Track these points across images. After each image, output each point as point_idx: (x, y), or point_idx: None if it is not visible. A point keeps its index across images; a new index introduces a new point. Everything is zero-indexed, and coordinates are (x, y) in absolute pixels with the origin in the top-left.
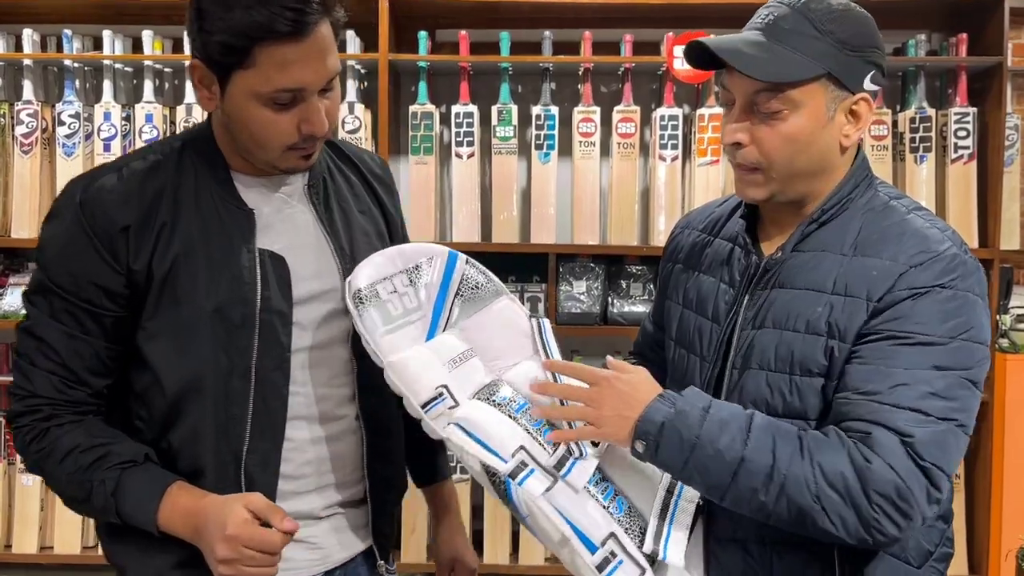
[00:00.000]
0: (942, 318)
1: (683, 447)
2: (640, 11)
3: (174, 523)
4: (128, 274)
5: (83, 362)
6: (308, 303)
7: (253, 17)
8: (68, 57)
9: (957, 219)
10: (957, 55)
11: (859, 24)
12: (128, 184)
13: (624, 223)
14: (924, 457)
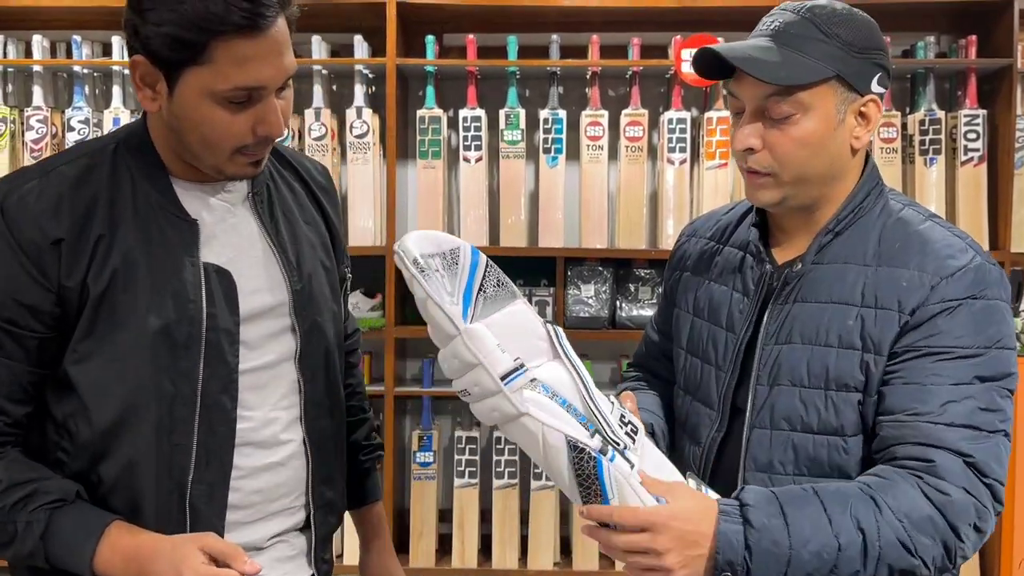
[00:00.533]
0: (977, 329)
1: (779, 563)
2: (647, 15)
3: (113, 567)
4: (59, 291)
5: (2, 389)
6: (255, 320)
7: (208, 8)
8: (78, 63)
9: (967, 222)
10: (966, 57)
11: (864, 27)
12: (58, 192)
13: (632, 227)
14: (987, 475)
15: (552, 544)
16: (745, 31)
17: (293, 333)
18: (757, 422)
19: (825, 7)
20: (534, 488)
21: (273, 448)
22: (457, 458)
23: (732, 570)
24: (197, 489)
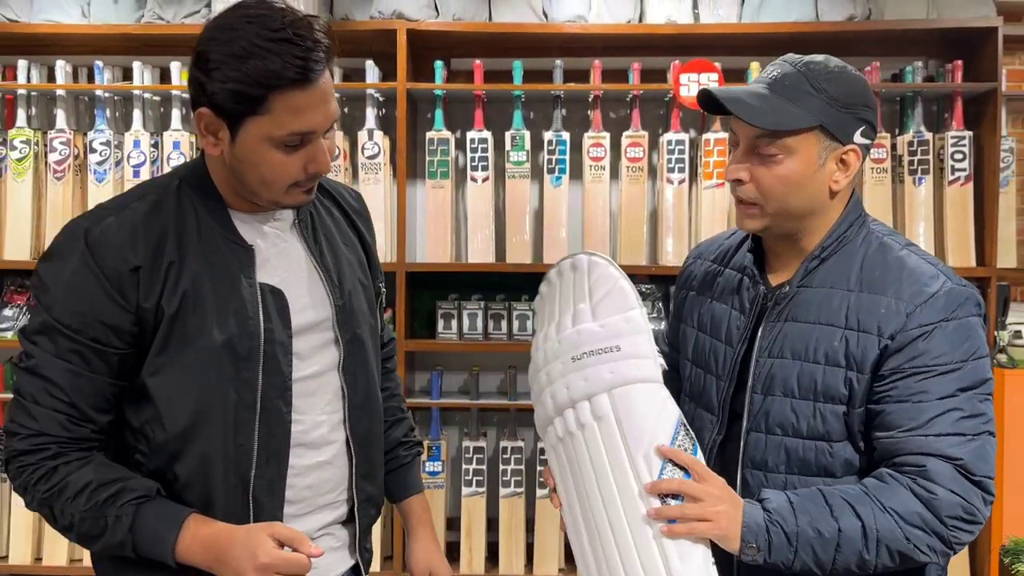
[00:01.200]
0: (953, 347)
1: (789, 541)
2: (647, 40)
3: (193, 553)
4: (137, 312)
5: (88, 400)
6: (305, 333)
7: (268, 66)
8: (99, 88)
9: (955, 239)
10: (953, 81)
11: (851, 84)
12: (133, 225)
13: (633, 244)
14: (975, 473)
15: (557, 551)
16: (739, 55)
17: (336, 345)
18: (753, 427)
19: (820, 63)
20: (539, 496)
21: (321, 448)
22: (465, 467)
23: (755, 543)
24: (259, 484)
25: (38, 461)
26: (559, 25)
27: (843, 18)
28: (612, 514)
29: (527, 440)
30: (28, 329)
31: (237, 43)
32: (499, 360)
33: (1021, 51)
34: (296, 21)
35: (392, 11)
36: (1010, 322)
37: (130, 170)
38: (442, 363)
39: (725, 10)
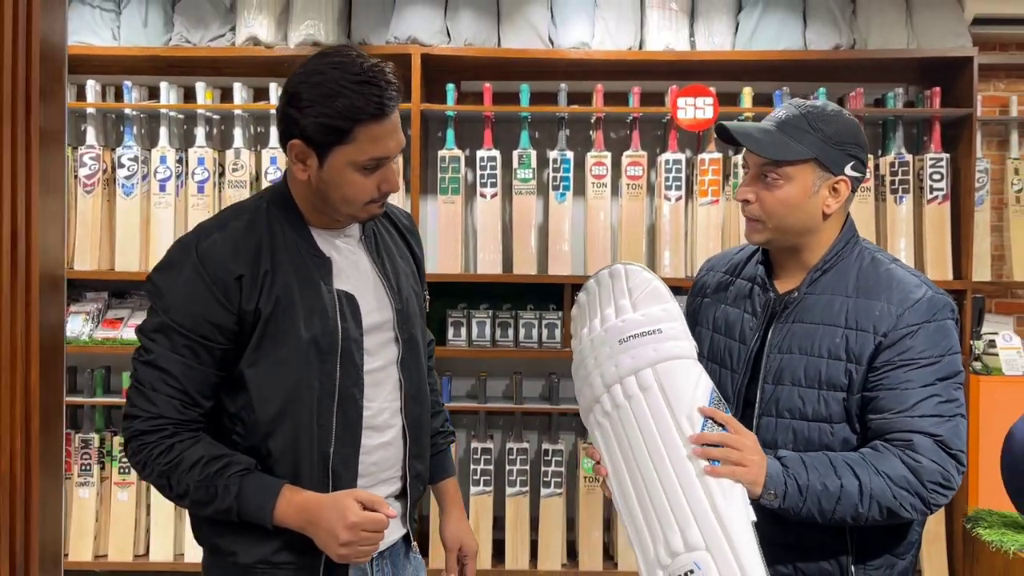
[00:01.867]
0: (934, 344)
1: (800, 491)
2: (646, 66)
3: (288, 517)
4: (239, 314)
5: (197, 387)
6: (372, 332)
7: (354, 103)
8: (127, 106)
9: (933, 254)
10: (932, 107)
11: (844, 126)
12: (235, 240)
13: (633, 256)
14: (951, 448)
15: (560, 547)
16: (732, 80)
17: (396, 343)
18: (764, 411)
19: (819, 107)
20: (544, 495)
21: (384, 430)
22: (472, 467)
23: (775, 491)
24: (337, 459)
25: (157, 440)
26: (564, 51)
27: (830, 47)
28: (660, 467)
29: (531, 442)
30: (146, 328)
31: (326, 85)
32: (505, 366)
33: (995, 79)
34: (372, 66)
35: (407, 36)
36: (985, 332)
37: (156, 184)
38: (451, 369)
39: (719, 38)
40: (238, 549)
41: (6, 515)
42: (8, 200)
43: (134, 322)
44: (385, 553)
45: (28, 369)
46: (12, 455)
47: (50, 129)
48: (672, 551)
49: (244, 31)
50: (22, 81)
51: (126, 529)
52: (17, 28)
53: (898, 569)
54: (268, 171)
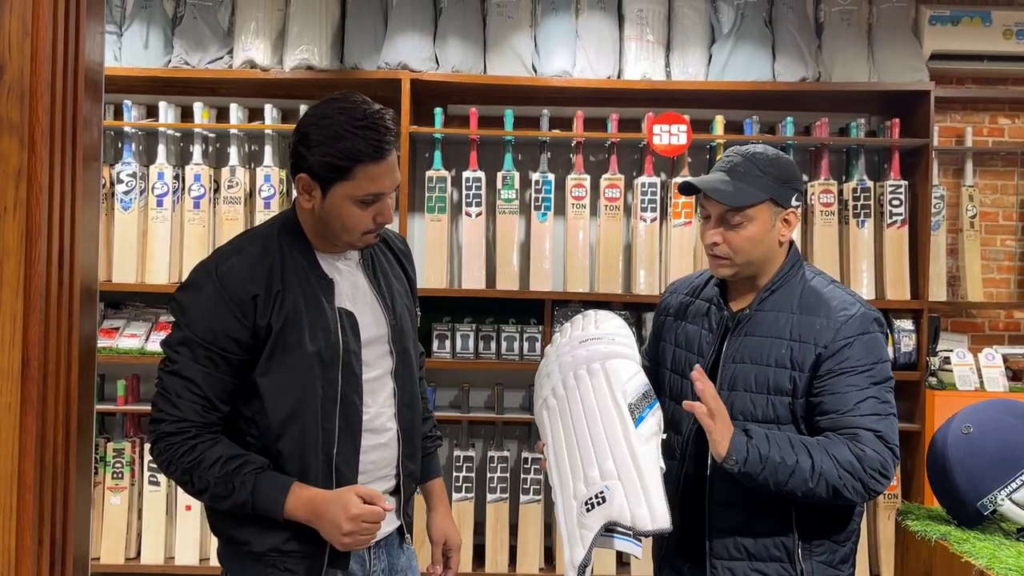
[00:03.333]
0: (867, 353)
1: (760, 460)
2: (624, 94)
3: (297, 511)
4: (254, 328)
5: (217, 393)
6: (370, 345)
7: (356, 146)
8: (127, 124)
9: (892, 275)
10: (891, 136)
11: (786, 166)
12: (250, 263)
13: (610, 274)
14: (889, 441)
15: (538, 552)
16: (705, 108)
17: (391, 355)
18: None
19: (761, 153)
20: (523, 502)
21: (381, 433)
22: (455, 475)
23: (735, 458)
24: (340, 458)
25: (182, 441)
26: (546, 79)
27: (796, 79)
28: (592, 424)
29: (511, 451)
30: (172, 341)
31: (332, 128)
32: (488, 377)
33: (952, 111)
34: (374, 112)
35: (398, 62)
36: (940, 349)
37: (154, 200)
38: (436, 380)
39: (693, 69)
40: (252, 539)
41: (48, 518)
42: (57, 218)
43: (130, 332)
44: (381, 543)
45: (69, 376)
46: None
47: (90, 150)
48: (589, 481)
49: (241, 54)
50: (70, 105)
51: (118, 532)
52: (67, 54)
53: (839, 555)
54: (262, 188)
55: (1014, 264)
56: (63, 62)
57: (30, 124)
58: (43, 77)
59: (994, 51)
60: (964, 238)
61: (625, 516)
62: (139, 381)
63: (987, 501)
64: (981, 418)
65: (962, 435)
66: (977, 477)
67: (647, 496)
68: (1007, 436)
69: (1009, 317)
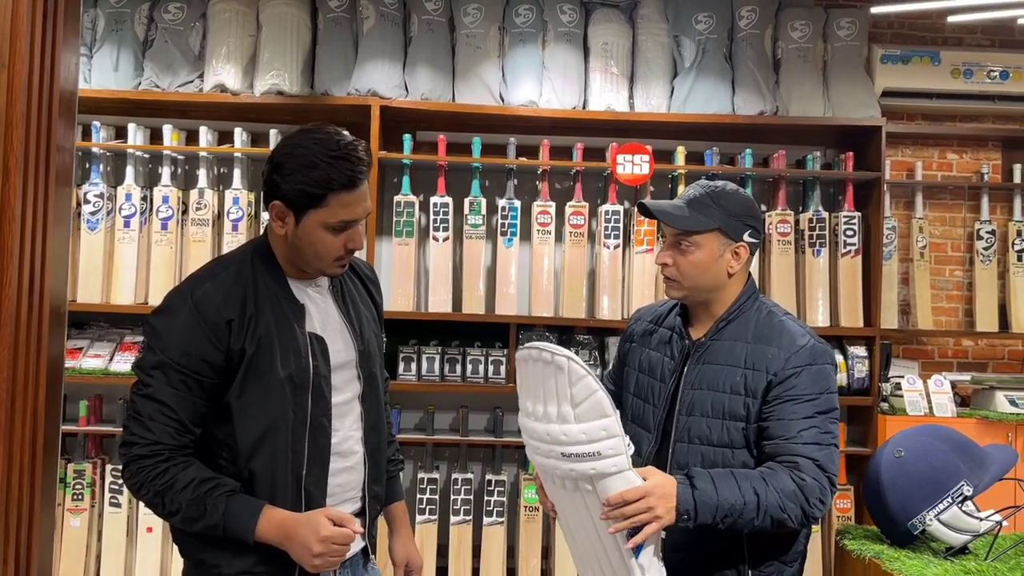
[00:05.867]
0: (814, 383)
1: (711, 509)
2: (589, 124)
3: (269, 533)
4: (227, 352)
5: (190, 416)
6: (339, 370)
7: (329, 175)
8: (95, 145)
9: (846, 302)
10: (845, 169)
11: (741, 202)
12: (225, 289)
13: (574, 299)
14: (827, 470)
15: (500, 574)
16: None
17: (359, 379)
18: (679, 439)
19: (720, 187)
20: (486, 524)
21: (348, 456)
22: (419, 496)
23: (688, 514)
24: (309, 480)
25: (154, 463)
26: (513, 108)
27: (755, 112)
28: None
29: (476, 473)
30: (145, 365)
31: (306, 157)
32: (452, 400)
33: (902, 145)
34: (347, 144)
35: (367, 89)
36: (892, 375)
37: (121, 220)
38: (401, 402)
39: (656, 101)
40: (222, 562)
41: (13, 538)
42: (29, 243)
43: (94, 352)
44: (347, 564)
45: (36, 399)
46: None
47: (62, 174)
48: None
49: (212, 78)
50: (44, 132)
51: (77, 554)
52: (43, 84)
53: (787, 575)
54: (230, 211)
55: (962, 293)
56: (38, 92)
57: (4, 153)
58: (19, 108)
59: (943, 89)
60: (915, 268)
61: None
62: (102, 402)
63: (916, 521)
64: (912, 443)
65: (894, 459)
66: (907, 498)
67: None
68: (934, 460)
69: (958, 344)
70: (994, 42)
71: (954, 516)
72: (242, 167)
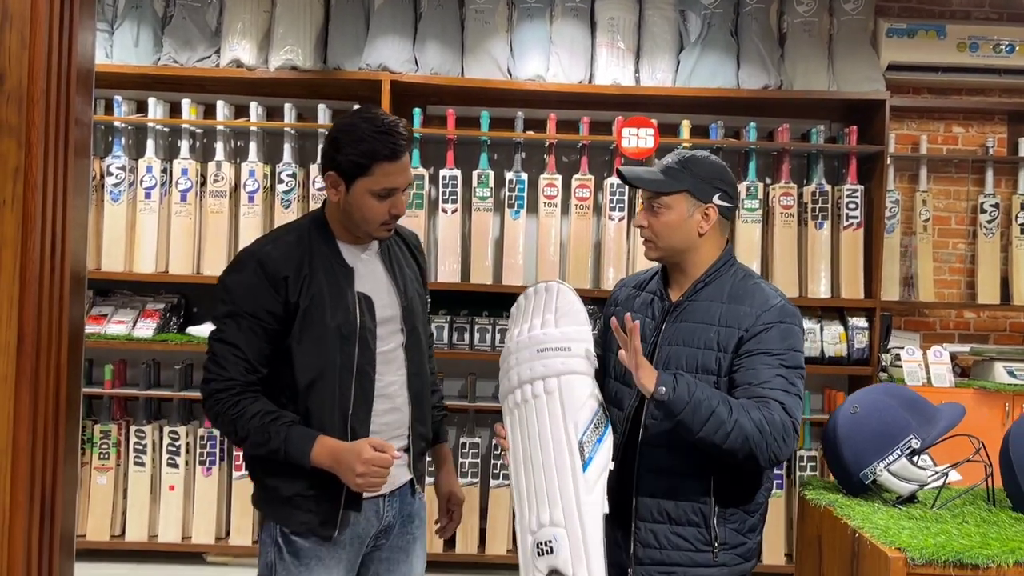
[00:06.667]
0: (781, 340)
1: (685, 396)
2: (595, 98)
3: (322, 458)
4: (285, 304)
5: (256, 357)
6: (384, 324)
7: (374, 147)
8: (117, 119)
9: (847, 274)
10: (849, 143)
11: (711, 167)
12: (285, 251)
13: (580, 270)
14: (791, 414)
15: (506, 534)
16: (672, 113)
17: (402, 332)
18: None
19: (692, 155)
20: (493, 486)
21: (393, 398)
22: (428, 460)
23: (665, 388)
24: (354, 419)
25: (228, 396)
26: (521, 82)
27: (760, 86)
28: (545, 457)
29: (483, 438)
30: (219, 314)
31: (355, 133)
32: (461, 367)
33: (908, 119)
34: (391, 122)
35: (378, 64)
36: (892, 346)
37: (142, 192)
38: None
39: (662, 75)
40: (280, 485)
41: (39, 483)
42: (50, 211)
43: (117, 319)
44: (395, 493)
45: (59, 354)
46: (45, 428)
47: (80, 146)
48: (540, 522)
49: (228, 54)
50: (63, 107)
51: (104, 511)
52: (61, 61)
53: (748, 524)
54: (246, 183)
55: (964, 266)
56: (57, 69)
57: (27, 127)
58: (39, 85)
59: (948, 63)
60: (917, 241)
61: (567, 570)
62: (126, 366)
63: (868, 472)
64: (867, 400)
65: (850, 414)
66: (860, 451)
67: (587, 557)
68: (886, 415)
69: (959, 316)
70: (1001, 15)
71: (902, 467)
72: (258, 140)
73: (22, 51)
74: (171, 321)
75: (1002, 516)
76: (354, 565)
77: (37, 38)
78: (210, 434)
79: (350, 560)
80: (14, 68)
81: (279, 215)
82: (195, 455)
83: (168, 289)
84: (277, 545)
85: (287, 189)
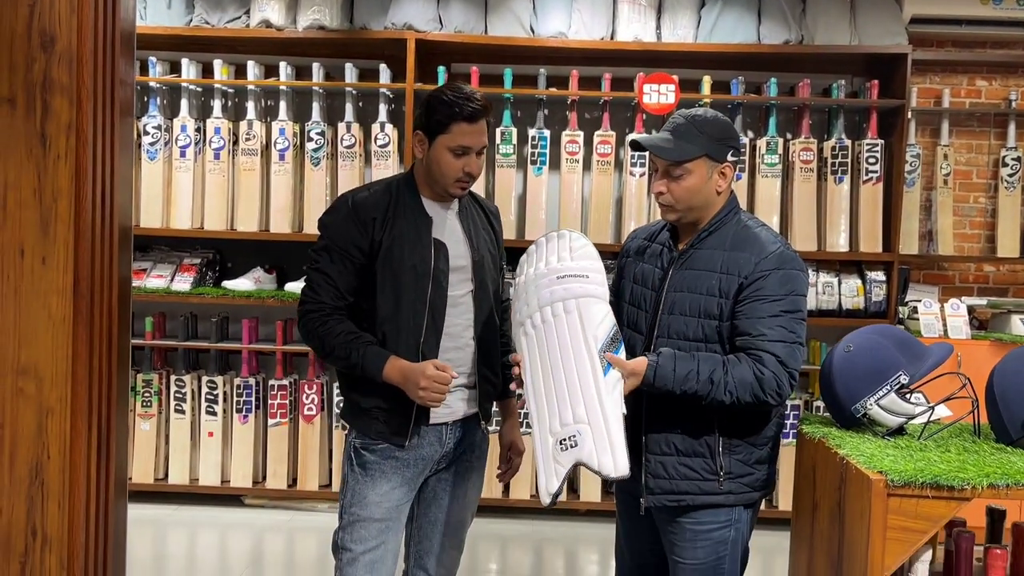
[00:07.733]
0: (781, 285)
1: (668, 376)
2: (617, 54)
3: (392, 374)
4: (371, 242)
5: (345, 285)
6: (455, 271)
7: (454, 109)
8: (152, 80)
9: (867, 228)
10: (870, 98)
11: (722, 126)
12: (374, 197)
13: (601, 225)
14: (788, 365)
15: (529, 480)
16: (694, 68)
17: (472, 281)
18: (660, 335)
19: (700, 114)
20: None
21: (458, 339)
22: None
23: (650, 378)
24: (424, 346)
25: (318, 316)
26: (543, 39)
27: (780, 41)
28: (567, 364)
29: None
30: (316, 248)
31: (441, 99)
32: None
33: (931, 72)
34: (470, 91)
35: (403, 23)
36: (910, 299)
37: (178, 150)
38: None
39: (683, 31)
40: (360, 399)
41: (94, 442)
42: (100, 164)
43: (156, 273)
44: (458, 422)
45: (111, 298)
46: (100, 364)
47: (125, 105)
48: (564, 422)
49: (258, 15)
50: (109, 67)
51: (147, 456)
52: (106, 23)
53: (755, 456)
54: (277, 141)
55: (985, 220)
56: (103, 31)
57: (77, 85)
58: (87, 46)
59: (973, 15)
60: (938, 195)
61: (593, 461)
62: (165, 319)
63: (859, 406)
64: (860, 339)
65: (844, 353)
66: (852, 387)
67: (612, 445)
68: (877, 353)
69: (979, 270)
70: None
71: (891, 401)
72: (287, 99)
73: (71, 15)
74: (207, 275)
75: (984, 446)
76: (414, 485)
77: (84, 2)
78: (246, 383)
79: (412, 479)
80: (64, 31)
81: (308, 173)
82: (232, 403)
83: (204, 244)
84: (350, 459)
85: (316, 147)
